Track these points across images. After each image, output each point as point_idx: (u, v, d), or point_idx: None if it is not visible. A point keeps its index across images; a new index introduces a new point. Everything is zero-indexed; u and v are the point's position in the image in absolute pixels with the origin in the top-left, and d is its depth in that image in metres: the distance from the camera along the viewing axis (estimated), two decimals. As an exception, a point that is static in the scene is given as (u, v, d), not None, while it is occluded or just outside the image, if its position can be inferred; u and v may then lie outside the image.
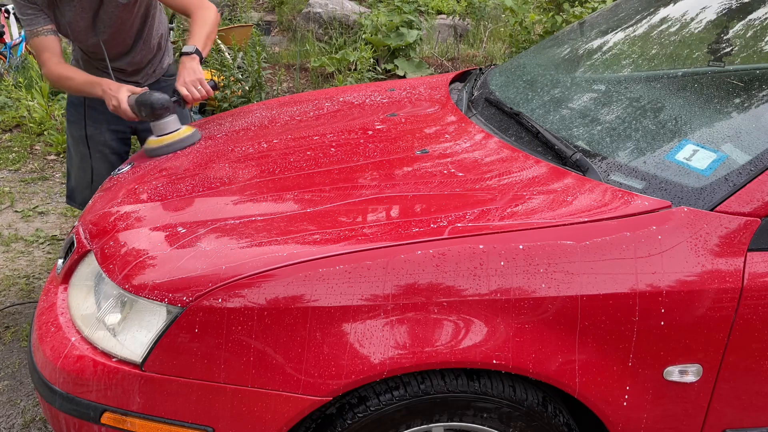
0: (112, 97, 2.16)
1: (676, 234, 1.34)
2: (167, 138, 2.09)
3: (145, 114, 2.10)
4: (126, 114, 2.14)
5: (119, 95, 2.14)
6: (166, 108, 2.10)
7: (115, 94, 2.15)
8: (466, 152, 1.74)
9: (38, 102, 4.74)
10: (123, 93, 2.15)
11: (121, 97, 2.14)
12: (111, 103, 2.17)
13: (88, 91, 2.27)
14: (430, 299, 1.32)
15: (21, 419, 2.20)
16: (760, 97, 1.70)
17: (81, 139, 2.56)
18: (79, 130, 2.58)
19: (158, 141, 2.10)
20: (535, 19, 5.79)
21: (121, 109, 2.14)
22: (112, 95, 2.16)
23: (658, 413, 1.42)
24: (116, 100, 2.14)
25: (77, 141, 2.58)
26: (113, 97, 2.15)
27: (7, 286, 2.95)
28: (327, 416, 1.41)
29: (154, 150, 2.09)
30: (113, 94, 2.16)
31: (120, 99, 2.13)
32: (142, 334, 1.40)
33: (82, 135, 2.57)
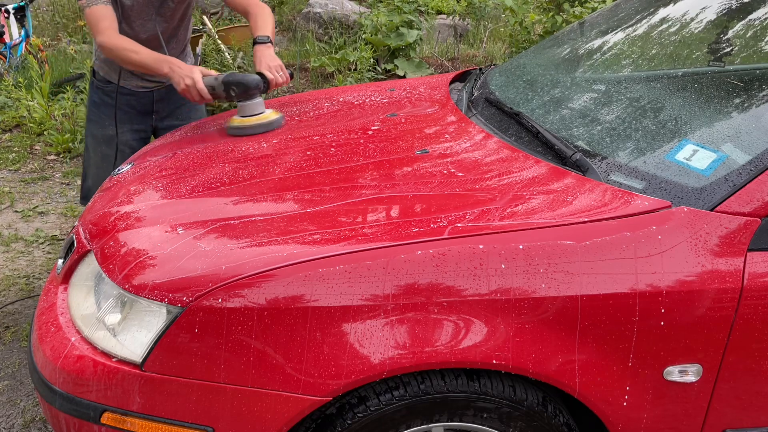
0: (184, 76, 2.12)
1: (676, 234, 1.34)
2: (255, 119, 2.10)
3: (236, 93, 2.10)
4: (199, 94, 2.12)
5: (193, 74, 2.12)
6: (258, 89, 2.13)
7: (189, 73, 2.12)
8: (466, 152, 1.74)
9: (38, 102, 4.74)
10: (197, 73, 2.13)
11: (196, 77, 2.12)
12: (184, 82, 2.12)
13: (152, 67, 2.21)
14: (430, 299, 1.32)
15: (21, 419, 2.20)
16: (760, 97, 1.70)
17: (104, 139, 2.55)
18: (101, 130, 2.57)
19: (245, 121, 2.10)
20: (535, 19, 5.79)
21: (196, 89, 2.11)
22: (184, 74, 2.13)
23: (658, 413, 1.42)
24: (190, 79, 2.11)
25: (99, 141, 2.57)
26: (186, 77, 2.12)
27: (7, 286, 2.95)
28: (327, 416, 1.41)
29: (241, 129, 2.09)
30: (186, 73, 2.13)
31: (195, 78, 2.11)
32: (142, 334, 1.40)
33: (106, 135, 2.55)
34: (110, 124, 2.55)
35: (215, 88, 2.13)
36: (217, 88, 2.13)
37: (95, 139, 2.60)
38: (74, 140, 4.52)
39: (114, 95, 2.54)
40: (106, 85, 2.56)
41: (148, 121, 2.59)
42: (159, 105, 2.62)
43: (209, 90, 2.13)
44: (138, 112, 2.58)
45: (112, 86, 2.54)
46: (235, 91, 2.11)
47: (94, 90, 2.61)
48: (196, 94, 2.13)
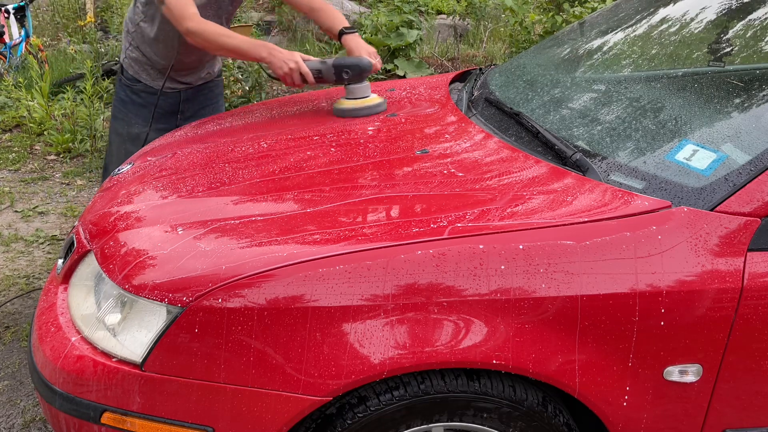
0: (287, 59, 2.12)
1: (676, 234, 1.34)
2: (364, 101, 2.14)
3: (350, 76, 2.13)
4: (303, 77, 2.13)
5: (296, 58, 2.12)
6: (369, 72, 2.16)
7: (291, 57, 2.12)
8: (466, 152, 1.74)
9: (38, 102, 4.73)
10: (299, 57, 2.14)
11: (300, 61, 2.12)
12: (287, 66, 2.11)
13: (248, 51, 2.19)
14: (430, 299, 1.32)
15: (21, 419, 2.20)
16: (760, 97, 1.70)
17: (129, 137, 2.56)
18: (127, 128, 2.58)
19: (356, 103, 2.13)
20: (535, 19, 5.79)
21: (301, 72, 2.12)
22: (286, 58, 2.12)
23: (658, 413, 1.42)
24: (293, 62, 2.11)
25: (124, 138, 2.58)
26: (289, 60, 2.11)
27: (7, 286, 2.95)
28: (327, 416, 1.41)
29: (349, 111, 2.13)
30: (288, 57, 2.12)
31: (299, 62, 2.11)
32: (142, 334, 1.40)
33: (132, 133, 2.56)
34: (136, 123, 2.56)
35: (322, 72, 2.15)
36: (325, 72, 2.15)
37: (120, 136, 2.60)
38: (74, 140, 4.52)
39: (143, 95, 2.55)
40: (134, 83, 2.56)
41: (173, 120, 2.61)
42: (185, 105, 2.64)
43: (315, 73, 2.15)
44: (164, 113, 2.59)
45: (140, 85, 2.55)
46: (348, 74, 2.14)
47: (122, 87, 2.61)
48: (298, 77, 2.13)
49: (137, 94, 2.56)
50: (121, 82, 2.61)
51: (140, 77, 2.55)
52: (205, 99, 2.70)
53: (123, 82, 2.60)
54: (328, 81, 2.18)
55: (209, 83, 2.71)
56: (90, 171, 4.27)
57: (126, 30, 2.55)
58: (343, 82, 2.16)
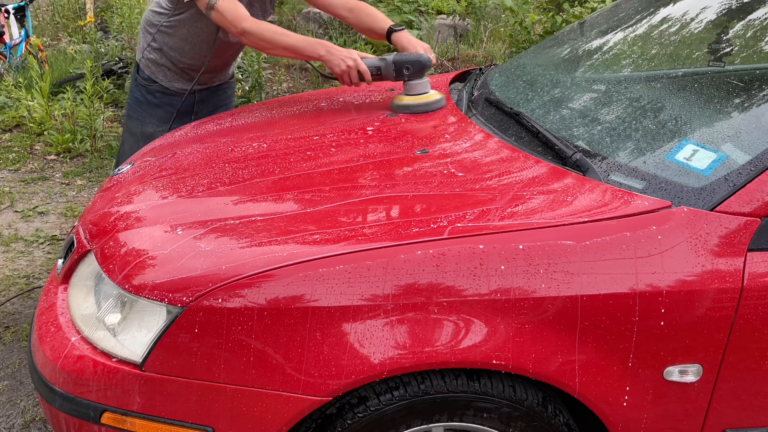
0: (345, 57, 2.11)
1: (676, 234, 1.34)
2: (424, 97, 2.13)
3: (411, 72, 2.12)
4: (361, 75, 2.12)
5: (354, 56, 2.12)
6: (429, 67, 2.16)
7: (349, 55, 2.12)
8: (466, 152, 1.74)
9: (38, 102, 4.73)
10: (356, 54, 2.13)
11: (358, 59, 2.11)
12: (345, 64, 2.10)
13: (305, 50, 2.17)
14: (430, 299, 1.32)
15: (21, 419, 2.20)
16: (760, 97, 1.70)
17: (143, 136, 2.56)
18: (140, 127, 2.58)
19: (416, 99, 2.12)
20: (535, 19, 5.79)
21: (360, 70, 2.11)
22: (344, 56, 2.11)
23: (658, 413, 1.42)
24: (352, 60, 2.10)
25: (137, 138, 2.58)
26: (347, 58, 2.11)
27: (7, 286, 2.95)
28: (327, 416, 1.41)
29: (411, 107, 2.11)
30: (346, 55, 2.11)
31: (357, 60, 2.11)
32: (142, 334, 1.40)
33: (145, 132, 2.56)
34: (150, 122, 2.57)
35: (381, 69, 2.15)
36: (385, 69, 2.14)
37: (133, 135, 2.61)
38: (74, 140, 4.52)
39: (158, 95, 2.56)
40: (150, 83, 2.56)
41: (187, 121, 2.61)
42: (199, 106, 2.65)
43: (373, 71, 2.14)
44: (178, 114, 2.60)
45: (156, 85, 2.55)
46: (409, 70, 2.12)
47: (137, 87, 2.61)
48: (356, 76, 2.12)
49: (152, 94, 2.57)
50: (136, 82, 2.61)
51: (156, 78, 2.55)
52: (219, 100, 2.72)
53: (139, 81, 2.60)
54: (387, 78, 2.17)
55: (223, 85, 2.72)
56: (90, 171, 4.27)
57: (145, 30, 2.54)
58: (403, 78, 2.15)
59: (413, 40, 2.29)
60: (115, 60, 5.55)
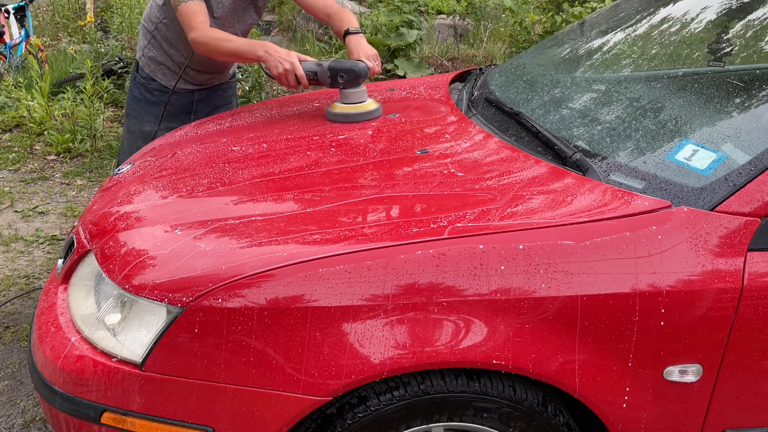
0: (282, 60, 2.09)
1: (676, 234, 1.34)
2: (359, 107, 2.10)
3: (345, 80, 2.09)
4: (297, 79, 2.10)
5: (292, 59, 2.10)
6: (365, 77, 2.12)
7: (286, 57, 2.10)
8: (466, 152, 1.74)
9: (38, 102, 4.73)
10: (295, 57, 2.11)
11: (295, 62, 2.10)
12: (282, 66, 2.09)
13: (246, 52, 2.19)
14: (430, 299, 1.32)
15: (21, 419, 2.20)
16: (760, 97, 1.70)
17: (141, 135, 2.57)
18: (139, 125, 2.59)
19: (348, 108, 2.10)
20: (535, 19, 5.79)
21: (296, 74, 2.09)
22: (281, 58, 2.10)
23: (658, 413, 1.42)
24: (288, 63, 2.08)
25: (136, 136, 2.59)
26: (285, 60, 2.09)
27: (7, 286, 2.95)
28: (327, 416, 1.41)
29: (345, 116, 2.09)
30: (284, 57, 2.10)
31: (294, 64, 2.09)
32: (142, 334, 1.40)
33: (144, 131, 2.58)
34: (149, 121, 2.58)
35: (318, 74, 2.12)
36: (321, 75, 2.11)
37: (132, 134, 2.62)
38: (74, 140, 4.52)
39: (157, 93, 2.57)
40: (149, 82, 2.58)
41: (186, 120, 2.62)
42: (198, 106, 2.66)
43: (310, 76, 2.12)
44: (177, 113, 2.61)
45: (155, 84, 2.57)
46: (343, 78, 2.09)
47: (136, 85, 2.62)
48: (293, 79, 2.11)
49: (151, 92, 2.58)
50: (135, 80, 2.62)
51: (155, 76, 2.56)
52: (219, 100, 2.72)
53: (138, 80, 2.61)
54: (323, 84, 2.15)
55: (223, 84, 2.73)
56: (90, 171, 4.27)
57: (144, 28, 2.56)
58: (338, 86, 2.12)
59: (362, 45, 2.25)
60: (115, 60, 5.55)
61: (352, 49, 2.25)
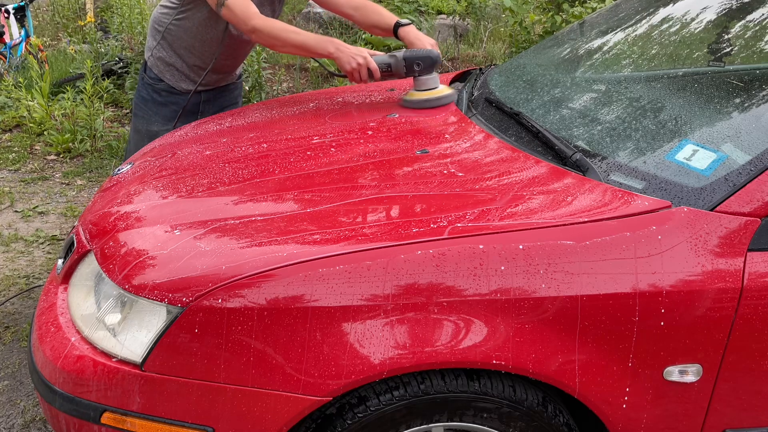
0: (354, 55, 2.13)
1: (676, 234, 1.34)
2: (434, 92, 2.15)
3: (421, 68, 2.15)
4: (370, 73, 2.14)
5: (364, 54, 2.14)
6: (439, 62, 2.19)
7: (358, 52, 2.14)
8: (466, 152, 1.74)
9: (38, 102, 4.73)
10: (366, 52, 2.15)
11: (368, 56, 2.13)
12: (355, 61, 2.12)
13: (315, 47, 2.19)
14: (430, 299, 1.32)
15: (21, 419, 2.20)
16: (760, 97, 1.70)
17: (148, 134, 2.58)
18: (146, 125, 2.60)
19: (426, 94, 2.15)
20: (535, 19, 5.79)
21: (370, 67, 2.13)
22: (353, 53, 2.13)
23: (658, 413, 1.42)
24: (362, 58, 2.12)
25: (142, 136, 2.60)
26: (357, 55, 2.12)
27: (7, 286, 2.95)
28: (327, 416, 1.41)
29: (422, 102, 2.14)
30: (356, 53, 2.13)
31: (368, 58, 2.13)
32: (142, 334, 1.40)
33: (150, 131, 2.58)
34: (156, 121, 2.58)
35: (392, 66, 2.17)
36: (395, 65, 2.16)
37: (139, 133, 2.62)
38: (74, 140, 4.52)
39: (164, 94, 2.57)
40: (157, 82, 2.58)
41: (192, 120, 2.63)
42: (205, 106, 2.66)
43: (383, 68, 2.16)
44: (184, 113, 2.61)
45: (163, 84, 2.57)
46: (419, 66, 2.15)
47: (144, 86, 2.62)
48: (366, 73, 2.14)
49: (158, 93, 2.58)
50: (143, 81, 2.63)
51: (164, 77, 2.56)
52: (225, 100, 2.73)
53: (146, 80, 2.61)
54: (397, 75, 2.20)
55: (229, 85, 2.73)
56: (90, 171, 4.27)
57: (154, 29, 2.55)
58: (413, 74, 2.17)
59: (421, 35, 2.30)
60: (115, 60, 5.54)
61: (413, 40, 2.28)
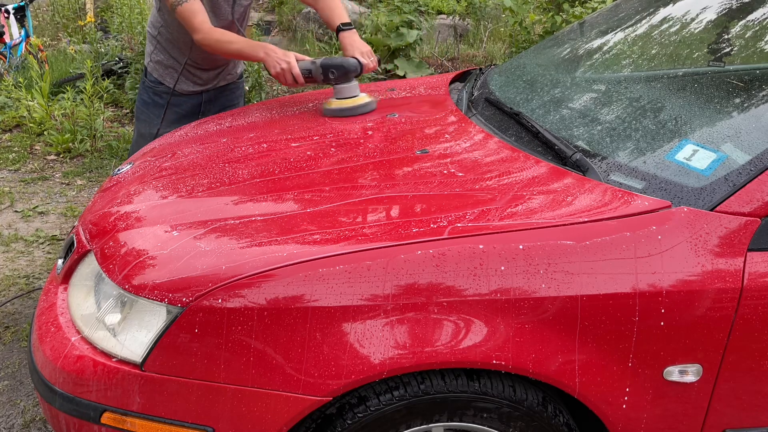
0: (280, 60, 2.17)
1: (676, 234, 1.34)
2: (352, 101, 2.17)
3: (335, 76, 2.16)
4: (294, 78, 2.17)
5: (289, 59, 2.17)
6: (356, 72, 2.19)
7: (284, 57, 2.18)
8: (466, 152, 1.74)
9: (38, 102, 4.73)
10: (292, 57, 2.19)
11: (292, 61, 2.17)
12: (279, 66, 2.17)
13: (248, 53, 2.27)
14: (430, 299, 1.32)
15: (21, 419, 2.20)
16: (760, 97, 1.70)
17: (150, 137, 2.60)
18: (148, 128, 2.63)
19: (343, 103, 2.17)
20: (535, 19, 5.79)
21: (292, 73, 2.16)
22: (279, 59, 2.18)
23: (658, 413, 1.42)
24: (286, 63, 2.17)
25: (146, 139, 2.62)
26: (282, 61, 2.17)
27: (7, 286, 2.95)
28: (327, 416, 1.41)
29: (339, 111, 2.16)
30: (282, 58, 2.18)
31: (291, 63, 2.17)
32: (142, 334, 1.40)
33: (153, 134, 2.61)
34: (157, 124, 2.62)
35: (312, 72, 2.20)
36: (315, 72, 2.19)
37: (142, 137, 2.65)
38: (74, 140, 4.52)
39: (165, 96, 2.60)
40: (157, 86, 2.61)
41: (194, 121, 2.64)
42: (206, 106, 2.70)
43: (305, 74, 2.19)
44: (185, 114, 2.64)
45: (163, 87, 2.60)
46: (334, 74, 2.17)
47: (145, 89, 2.66)
48: (290, 77, 2.18)
49: (160, 95, 2.62)
50: (144, 85, 2.67)
51: (164, 80, 2.59)
52: (227, 100, 2.76)
53: (146, 84, 2.65)
54: (317, 81, 2.21)
55: (230, 85, 2.75)
56: (90, 171, 4.27)
57: (149, 34, 2.60)
58: (330, 82, 2.19)
59: (354, 42, 2.31)
60: (115, 60, 5.55)
61: (346, 46, 2.31)
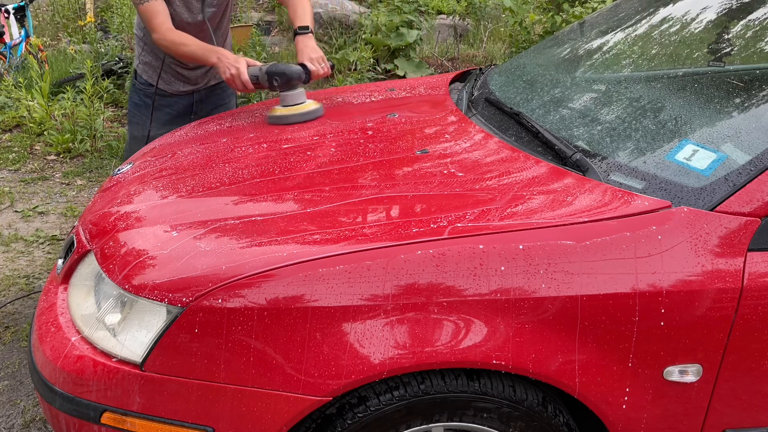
0: (230, 65, 2.18)
1: (676, 234, 1.34)
2: (296, 108, 2.16)
3: (279, 83, 2.16)
4: (243, 84, 2.18)
5: (239, 65, 2.18)
6: (300, 79, 2.19)
7: (234, 63, 2.19)
8: (466, 152, 1.74)
9: (38, 102, 4.73)
10: (242, 63, 2.19)
11: (241, 67, 2.18)
12: (228, 72, 2.19)
13: (201, 57, 2.29)
14: (430, 299, 1.32)
15: (21, 419, 2.20)
16: (760, 97, 1.70)
17: (143, 140, 2.61)
18: (141, 131, 2.64)
19: (288, 110, 2.16)
20: (535, 19, 5.80)
21: (240, 79, 2.18)
22: (230, 64, 2.19)
23: (658, 413, 1.42)
24: (235, 69, 2.17)
25: (139, 141, 2.63)
26: (232, 66, 2.18)
27: (7, 286, 2.95)
28: (327, 416, 1.41)
29: (283, 118, 2.15)
30: (232, 63, 2.19)
31: (240, 69, 2.17)
32: (142, 334, 1.40)
33: (145, 136, 2.61)
34: (148, 126, 2.62)
35: (259, 78, 2.19)
36: (261, 78, 2.19)
37: (135, 139, 2.66)
38: (74, 140, 4.52)
39: (155, 97, 2.61)
40: (147, 87, 2.62)
41: (187, 121, 2.66)
42: (198, 106, 2.70)
43: (253, 80, 2.19)
44: (177, 115, 2.65)
45: (153, 89, 2.61)
46: (277, 81, 2.17)
47: (135, 92, 2.67)
48: (240, 83, 2.19)
49: (150, 97, 2.62)
50: (135, 87, 2.67)
51: (153, 81, 2.60)
52: (218, 99, 2.76)
53: (137, 86, 2.66)
54: (263, 87, 2.22)
55: (221, 84, 2.75)
56: (90, 171, 4.27)
57: (137, 36, 2.61)
58: (275, 89, 2.19)
59: (307, 47, 2.30)
60: (115, 60, 5.55)
61: (298, 51, 2.31)
